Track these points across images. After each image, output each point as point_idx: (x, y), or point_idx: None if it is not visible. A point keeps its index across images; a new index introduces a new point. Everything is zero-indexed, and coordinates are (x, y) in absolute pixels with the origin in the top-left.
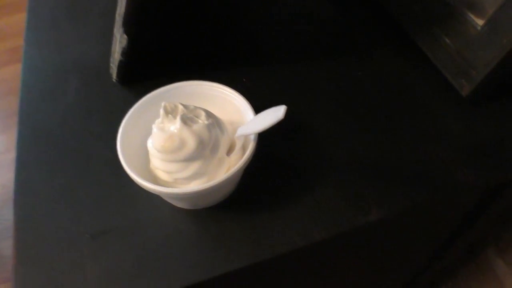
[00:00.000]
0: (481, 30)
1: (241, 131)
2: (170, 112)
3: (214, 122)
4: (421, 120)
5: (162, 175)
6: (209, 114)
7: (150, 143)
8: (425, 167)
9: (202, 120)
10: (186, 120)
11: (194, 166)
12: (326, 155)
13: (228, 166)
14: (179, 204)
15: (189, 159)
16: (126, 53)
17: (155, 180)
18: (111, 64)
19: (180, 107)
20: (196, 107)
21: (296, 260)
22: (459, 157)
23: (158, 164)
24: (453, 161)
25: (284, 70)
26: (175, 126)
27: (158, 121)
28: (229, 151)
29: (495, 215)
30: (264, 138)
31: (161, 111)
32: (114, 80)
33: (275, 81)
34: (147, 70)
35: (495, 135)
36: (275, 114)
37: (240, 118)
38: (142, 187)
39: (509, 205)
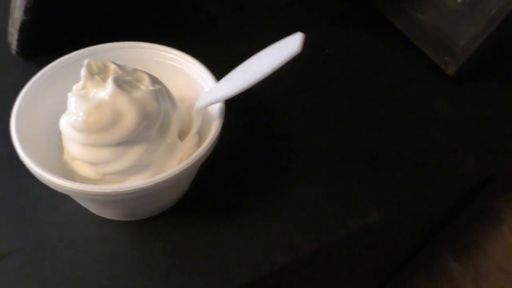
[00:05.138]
0: (463, 2)
1: (206, 99)
2: (97, 73)
3: (163, 89)
4: (405, 102)
5: (83, 169)
6: (155, 80)
7: (64, 122)
8: (423, 155)
9: (146, 85)
10: (122, 84)
11: (133, 154)
12: (300, 147)
13: (181, 156)
14: (106, 213)
15: (127, 142)
16: (30, 9)
17: (71, 177)
18: (10, 28)
19: (112, 66)
20: (136, 69)
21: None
22: (457, 143)
23: (78, 152)
24: (452, 147)
25: (244, 48)
26: (105, 91)
27: (77, 86)
28: (181, 137)
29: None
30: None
31: (83, 72)
32: (13, 52)
33: (234, 59)
34: (61, 36)
35: (487, 115)
36: (285, 47)
37: (195, 93)
38: (51, 186)
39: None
